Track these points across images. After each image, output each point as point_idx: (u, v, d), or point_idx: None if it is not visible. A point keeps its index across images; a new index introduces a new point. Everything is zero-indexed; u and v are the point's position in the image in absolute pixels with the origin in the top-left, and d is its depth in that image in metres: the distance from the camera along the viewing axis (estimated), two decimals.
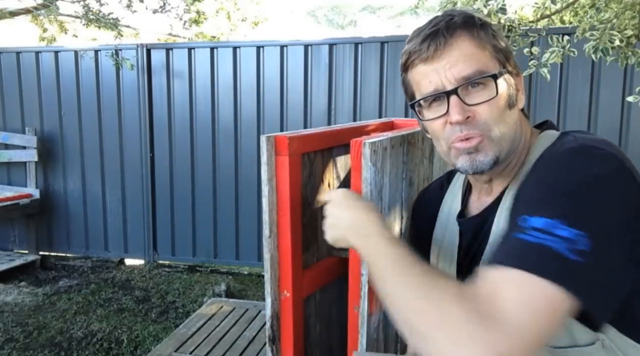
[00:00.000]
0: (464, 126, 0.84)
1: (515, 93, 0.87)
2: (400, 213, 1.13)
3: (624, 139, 4.04)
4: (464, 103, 0.83)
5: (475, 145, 0.84)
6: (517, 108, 0.88)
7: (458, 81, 0.83)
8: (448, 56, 0.83)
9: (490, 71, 0.84)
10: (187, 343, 2.99)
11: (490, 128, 0.84)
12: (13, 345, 3.55)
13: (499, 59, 0.85)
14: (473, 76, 0.83)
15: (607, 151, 0.73)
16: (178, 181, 5.04)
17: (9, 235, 5.48)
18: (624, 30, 2.33)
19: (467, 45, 0.83)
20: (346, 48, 4.57)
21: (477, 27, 0.85)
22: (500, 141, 0.85)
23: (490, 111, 0.84)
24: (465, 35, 0.84)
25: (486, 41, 0.85)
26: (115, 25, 5.29)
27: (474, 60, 0.83)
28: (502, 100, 0.84)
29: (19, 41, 6.58)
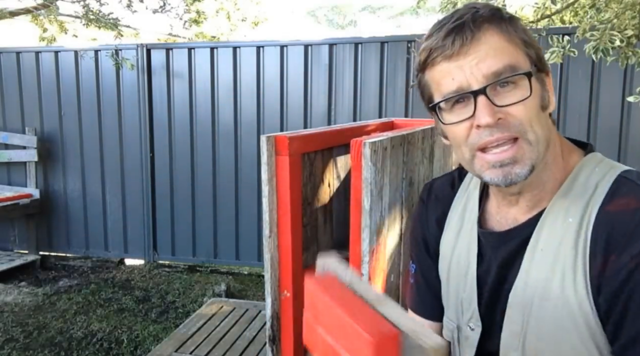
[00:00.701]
0: (495, 129, 0.73)
1: (547, 94, 0.78)
2: (401, 213, 1.13)
3: (624, 139, 4.04)
4: (493, 104, 0.73)
5: (512, 155, 0.74)
6: (549, 110, 0.78)
7: (487, 78, 0.73)
8: (475, 51, 0.73)
9: (521, 68, 0.74)
10: (187, 343, 2.99)
11: (526, 129, 0.74)
12: (13, 345, 3.55)
13: (530, 55, 0.76)
14: (504, 72, 0.73)
15: None
16: (178, 181, 5.04)
17: (9, 235, 5.48)
18: (624, 30, 2.33)
19: (497, 39, 0.74)
20: (346, 48, 4.57)
21: (506, 20, 0.75)
22: (537, 145, 0.75)
23: (525, 111, 0.73)
24: (494, 29, 0.74)
25: (516, 35, 0.75)
26: (115, 25, 5.29)
27: (505, 54, 0.73)
28: (536, 101, 0.75)
29: (19, 41, 6.57)
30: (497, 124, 0.73)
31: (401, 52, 4.40)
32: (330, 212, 1.36)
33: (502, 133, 0.73)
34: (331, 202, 1.34)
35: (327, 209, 1.34)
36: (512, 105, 0.73)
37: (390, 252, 1.10)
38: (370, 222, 0.96)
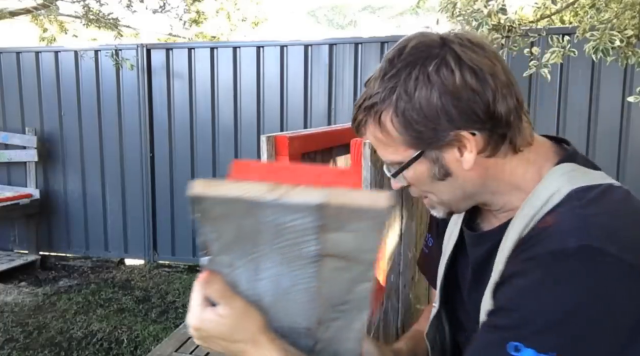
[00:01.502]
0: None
1: (446, 165, 0.77)
2: (401, 213, 1.13)
3: (624, 139, 4.04)
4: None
5: (427, 204, 0.85)
6: (462, 170, 0.77)
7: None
8: (367, 137, 0.81)
9: (397, 162, 0.79)
10: (187, 343, 2.98)
11: (426, 196, 0.83)
12: (13, 345, 3.55)
13: (413, 143, 0.76)
14: (388, 163, 0.81)
15: (615, 257, 0.64)
16: (178, 181, 5.04)
17: (9, 235, 5.48)
18: (624, 30, 2.33)
19: (375, 135, 0.78)
20: (346, 48, 4.57)
21: (389, 111, 0.75)
22: (442, 204, 0.83)
23: (416, 190, 0.83)
24: (371, 126, 0.78)
25: (396, 128, 0.75)
26: (115, 25, 5.29)
27: (381, 147, 0.80)
28: (420, 182, 0.80)
29: (19, 41, 6.58)
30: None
31: None
32: None
33: (415, 194, 0.85)
34: None
35: None
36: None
37: (390, 252, 1.10)
38: None
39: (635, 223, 0.69)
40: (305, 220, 0.59)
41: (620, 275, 0.64)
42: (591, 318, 0.62)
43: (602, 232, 0.66)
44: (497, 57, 0.75)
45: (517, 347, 0.63)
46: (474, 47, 0.74)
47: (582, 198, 0.71)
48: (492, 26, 2.56)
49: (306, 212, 0.58)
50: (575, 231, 0.67)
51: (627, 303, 0.63)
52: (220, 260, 0.67)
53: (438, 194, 0.81)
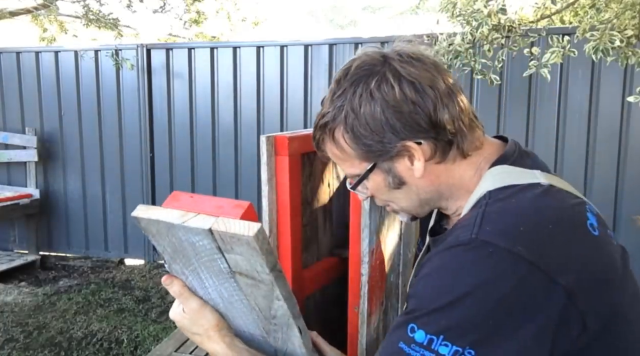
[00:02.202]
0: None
1: (399, 174, 0.82)
2: None
3: (624, 139, 4.04)
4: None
5: (392, 210, 0.91)
6: (416, 178, 0.82)
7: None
8: (326, 153, 0.87)
9: (355, 174, 0.85)
10: (187, 343, 2.98)
11: (388, 204, 0.89)
12: (13, 345, 3.55)
13: (364, 157, 0.82)
14: (347, 176, 0.87)
15: (503, 250, 0.66)
16: (178, 181, 5.04)
17: (9, 235, 5.48)
18: (624, 31, 2.33)
19: (332, 151, 0.85)
20: (346, 48, 4.57)
21: (340, 130, 0.81)
22: (403, 211, 0.89)
23: (377, 200, 0.89)
24: (328, 142, 0.84)
25: (349, 145, 0.81)
26: (115, 25, 5.30)
27: (340, 162, 0.86)
28: (378, 192, 0.86)
29: (19, 41, 6.58)
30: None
31: None
32: (330, 212, 1.36)
33: (378, 203, 0.91)
34: (331, 202, 1.34)
35: (327, 209, 1.34)
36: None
37: (390, 251, 1.10)
38: (370, 222, 0.97)
39: (536, 220, 0.71)
40: (205, 241, 0.72)
41: (506, 266, 0.66)
42: (474, 304, 0.65)
43: (495, 227, 0.69)
44: (437, 68, 0.79)
45: (413, 328, 0.68)
46: (413, 61, 0.78)
47: (493, 197, 0.75)
48: (492, 26, 2.56)
49: (203, 234, 0.71)
50: (472, 226, 0.71)
51: (511, 293, 0.65)
52: (173, 268, 0.82)
53: (397, 202, 0.87)
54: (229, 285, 0.78)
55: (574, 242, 0.71)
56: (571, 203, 0.76)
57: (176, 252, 0.78)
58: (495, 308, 0.65)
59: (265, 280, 0.73)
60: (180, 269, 0.81)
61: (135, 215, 0.78)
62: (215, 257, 0.74)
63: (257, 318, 0.82)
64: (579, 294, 0.66)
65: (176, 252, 0.78)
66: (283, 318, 0.80)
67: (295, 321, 0.81)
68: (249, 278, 0.74)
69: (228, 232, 0.68)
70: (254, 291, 0.77)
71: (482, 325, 0.65)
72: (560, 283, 0.66)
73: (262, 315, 0.81)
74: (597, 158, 4.07)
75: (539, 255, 0.66)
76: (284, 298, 0.77)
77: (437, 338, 0.66)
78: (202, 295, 0.83)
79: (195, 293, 0.84)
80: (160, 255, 0.82)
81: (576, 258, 0.69)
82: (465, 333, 0.65)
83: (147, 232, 0.79)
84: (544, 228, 0.69)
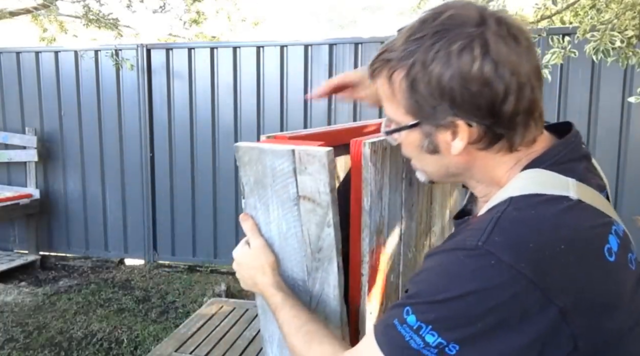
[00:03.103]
0: None
1: (436, 143, 0.79)
2: (401, 213, 1.13)
3: (624, 139, 4.04)
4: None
5: (412, 166, 0.89)
6: (450, 153, 0.78)
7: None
8: (377, 85, 0.82)
9: (397, 121, 0.81)
10: (187, 343, 2.98)
11: (410, 159, 0.87)
12: (13, 345, 3.55)
13: (413, 111, 0.77)
14: (387, 117, 0.84)
15: (507, 265, 0.66)
16: (178, 181, 5.04)
17: (9, 235, 5.48)
18: (624, 31, 2.33)
19: (385, 89, 0.80)
20: (346, 48, 4.57)
21: (395, 69, 0.76)
22: (425, 172, 0.87)
23: (404, 150, 0.87)
24: (383, 78, 0.79)
25: (402, 91, 0.76)
26: (115, 25, 5.29)
27: (386, 102, 0.81)
28: (409, 148, 0.84)
29: (19, 41, 6.58)
30: None
31: None
32: None
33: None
34: None
35: None
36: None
37: (390, 251, 1.10)
38: (370, 222, 0.97)
39: (550, 237, 0.68)
40: (285, 163, 0.89)
41: (504, 280, 0.65)
42: (466, 306, 0.67)
43: (504, 239, 0.68)
44: (528, 51, 0.73)
45: (408, 311, 0.71)
46: (508, 37, 0.71)
47: (514, 204, 0.72)
48: None
49: (286, 156, 0.88)
50: (482, 232, 0.69)
51: (504, 304, 0.66)
52: (249, 203, 0.98)
53: (422, 163, 0.85)
54: (291, 215, 0.92)
55: (582, 265, 0.69)
56: (593, 224, 0.73)
57: (257, 182, 0.94)
58: (485, 313, 0.66)
59: (324, 202, 0.88)
60: (254, 203, 0.97)
61: (237, 145, 0.94)
62: (289, 181, 0.90)
63: (304, 255, 0.94)
64: (575, 316, 0.66)
65: (257, 182, 0.94)
66: (327, 251, 0.92)
67: (336, 256, 0.92)
68: (309, 202, 0.89)
69: (306, 151, 0.86)
70: (310, 218, 0.90)
71: (470, 325, 0.66)
72: (557, 304, 0.65)
73: (310, 250, 0.93)
74: (597, 158, 4.03)
75: (542, 275, 0.65)
76: (334, 226, 0.90)
77: (425, 326, 0.68)
78: (264, 232, 0.98)
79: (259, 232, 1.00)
80: (242, 189, 0.98)
81: (579, 281, 0.68)
82: (452, 329, 0.67)
83: (241, 161, 0.94)
84: (554, 247, 0.67)
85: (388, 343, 0.73)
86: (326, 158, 0.85)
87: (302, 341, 0.87)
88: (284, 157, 0.89)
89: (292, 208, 0.92)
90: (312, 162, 0.86)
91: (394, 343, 0.72)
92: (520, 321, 0.66)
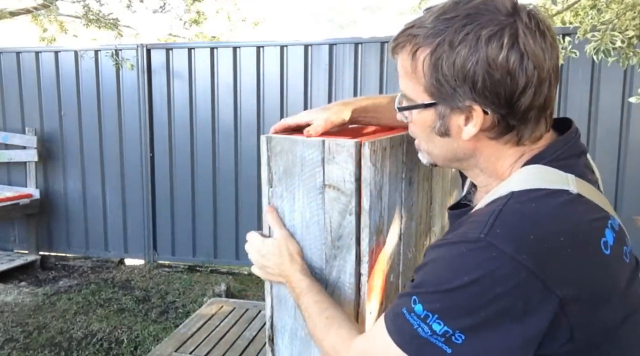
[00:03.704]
0: None
1: (449, 126, 0.79)
2: (400, 213, 1.12)
3: (624, 139, 4.04)
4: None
5: (416, 145, 0.90)
6: (461, 138, 0.79)
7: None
8: (398, 59, 0.82)
9: (411, 99, 0.81)
10: (187, 343, 2.98)
11: (416, 139, 0.88)
12: (13, 345, 3.55)
13: (431, 91, 0.78)
14: (402, 96, 0.84)
15: (508, 257, 0.67)
16: (178, 181, 5.04)
17: (9, 235, 5.48)
18: (625, 31, 2.33)
19: (405, 64, 0.79)
20: (346, 48, 4.57)
21: (421, 45, 0.76)
22: (429, 154, 0.87)
23: (412, 128, 0.87)
24: (406, 53, 0.78)
25: (425, 69, 0.76)
26: (115, 25, 5.30)
27: (404, 77, 0.81)
28: (420, 128, 0.84)
29: (19, 41, 6.58)
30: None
31: None
32: None
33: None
34: None
35: None
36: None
37: (390, 251, 1.09)
38: (370, 222, 0.96)
39: (550, 230, 0.70)
40: (315, 153, 0.95)
41: (506, 271, 0.67)
42: (469, 296, 0.68)
43: (505, 231, 0.69)
44: (552, 48, 0.74)
45: (415, 300, 0.73)
46: (538, 31, 0.72)
47: (515, 198, 0.74)
48: None
49: (316, 146, 0.94)
50: (483, 225, 0.70)
51: (506, 295, 0.67)
52: (276, 192, 1.01)
53: (429, 145, 0.85)
54: (315, 204, 0.97)
55: (581, 257, 0.70)
56: (591, 217, 0.74)
57: (286, 171, 0.98)
58: (487, 303, 0.67)
59: (348, 190, 0.93)
60: (280, 192, 1.00)
61: (268, 136, 0.99)
62: (317, 170, 0.95)
63: (324, 243, 0.98)
64: (573, 307, 0.68)
65: (286, 171, 0.98)
66: (347, 238, 0.96)
67: (355, 244, 0.96)
68: (334, 190, 0.94)
69: (336, 141, 0.92)
70: (333, 205, 0.95)
71: (473, 315, 0.68)
72: (557, 294, 0.67)
73: (330, 237, 0.97)
74: (597, 159, 4.06)
75: (542, 265, 0.67)
76: (355, 214, 0.94)
77: (432, 315, 0.70)
78: (288, 221, 1.01)
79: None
80: (269, 178, 1.01)
81: (578, 273, 0.69)
82: (457, 318, 0.69)
83: (273, 151, 0.99)
84: (554, 240, 0.69)
85: (397, 331, 0.75)
86: (354, 149, 0.91)
87: (322, 324, 0.90)
88: (314, 147, 0.95)
89: (317, 196, 0.97)
90: (340, 151, 0.92)
91: (403, 331, 0.74)
92: (522, 311, 0.67)
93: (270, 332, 1.09)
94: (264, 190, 1.02)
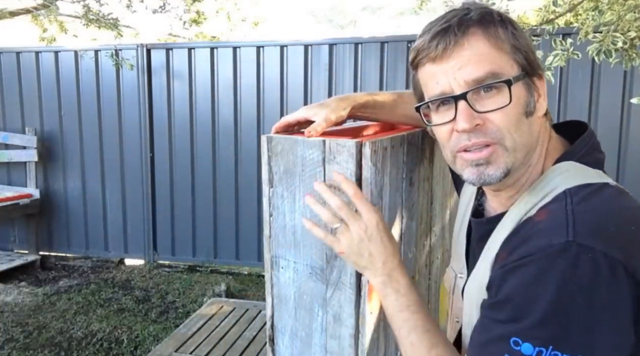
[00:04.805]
0: (472, 134, 0.76)
1: (534, 99, 0.78)
2: (401, 213, 1.12)
3: (624, 140, 4.04)
4: (473, 110, 0.76)
5: (487, 156, 0.77)
6: (537, 115, 0.78)
7: (468, 84, 0.75)
8: (458, 56, 0.75)
9: (505, 75, 0.75)
10: (187, 343, 2.98)
11: (504, 136, 0.76)
12: (13, 345, 3.55)
13: (517, 60, 0.77)
14: (485, 79, 0.75)
15: (600, 253, 0.65)
16: (178, 181, 5.04)
17: (9, 235, 5.48)
18: (627, 32, 2.32)
19: (481, 45, 0.75)
20: (346, 48, 4.57)
21: (495, 23, 0.76)
22: (514, 151, 0.77)
23: (504, 119, 0.75)
24: (480, 33, 0.75)
25: (504, 40, 0.76)
26: (115, 25, 5.30)
27: (488, 61, 0.75)
28: (517, 108, 0.76)
29: (19, 41, 6.58)
30: (475, 129, 0.76)
31: (401, 52, 4.40)
32: None
33: (478, 139, 0.77)
34: None
35: None
36: (491, 112, 0.76)
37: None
38: None
39: (621, 221, 0.70)
40: (315, 153, 0.94)
41: (604, 269, 0.64)
42: (579, 311, 0.64)
43: (588, 228, 0.67)
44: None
45: (517, 342, 0.65)
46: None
47: (574, 196, 0.72)
48: None
49: (317, 146, 0.93)
50: (563, 228, 0.68)
51: (608, 297, 0.64)
52: (277, 192, 1.01)
53: (516, 134, 0.77)
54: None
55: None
56: (638, 205, 0.75)
57: (286, 171, 0.98)
58: (598, 312, 0.64)
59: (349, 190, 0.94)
60: (281, 192, 1.00)
61: (269, 136, 0.98)
62: (317, 170, 0.94)
63: (325, 243, 0.96)
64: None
65: (286, 171, 0.98)
66: None
67: None
68: (334, 190, 0.93)
69: (337, 141, 0.92)
70: None
71: (589, 331, 0.64)
72: (638, 280, 0.66)
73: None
74: None
75: (629, 257, 0.66)
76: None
77: (546, 349, 0.64)
78: (289, 221, 1.00)
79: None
80: (269, 179, 1.00)
81: None
82: (574, 341, 0.64)
83: (273, 151, 0.98)
84: (628, 229, 0.68)
85: None
86: (355, 149, 0.91)
87: (425, 341, 0.83)
88: (315, 147, 0.94)
89: (318, 196, 0.96)
90: (341, 151, 0.92)
91: None
92: (625, 309, 0.65)
93: (271, 332, 1.09)
94: (265, 190, 1.01)
